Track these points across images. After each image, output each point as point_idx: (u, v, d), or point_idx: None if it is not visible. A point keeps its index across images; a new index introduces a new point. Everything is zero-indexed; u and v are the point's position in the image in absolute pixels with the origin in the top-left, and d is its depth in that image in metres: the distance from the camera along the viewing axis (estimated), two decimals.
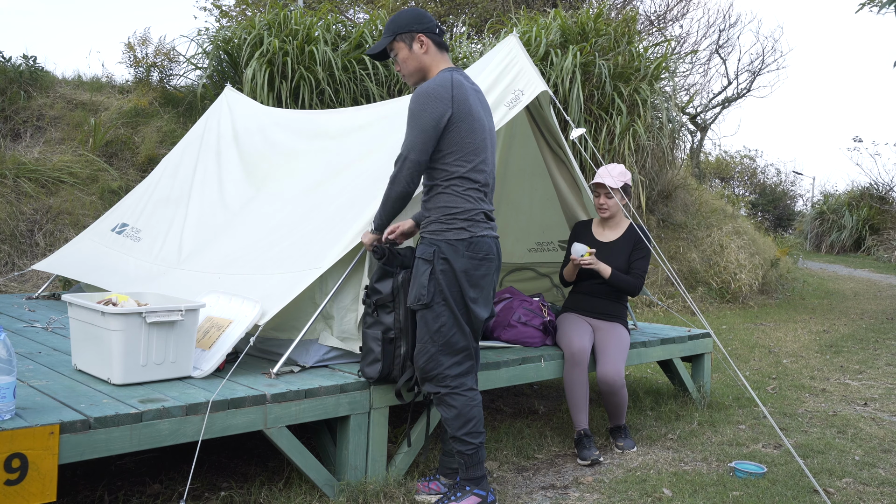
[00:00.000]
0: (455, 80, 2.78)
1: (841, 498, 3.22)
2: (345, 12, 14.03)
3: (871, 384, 5.63)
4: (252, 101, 5.30)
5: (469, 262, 2.79)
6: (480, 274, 2.82)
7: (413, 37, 2.87)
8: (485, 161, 2.85)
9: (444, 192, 2.81)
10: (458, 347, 2.82)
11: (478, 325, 2.90)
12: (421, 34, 2.86)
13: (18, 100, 8.32)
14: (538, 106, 4.14)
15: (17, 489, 2.16)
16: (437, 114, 2.72)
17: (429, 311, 2.80)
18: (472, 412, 2.84)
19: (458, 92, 2.75)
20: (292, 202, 3.98)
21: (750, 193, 27.06)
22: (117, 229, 4.82)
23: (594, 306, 4.03)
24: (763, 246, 12.02)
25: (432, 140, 2.74)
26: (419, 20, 2.86)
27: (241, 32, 8.93)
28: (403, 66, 2.92)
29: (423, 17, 2.89)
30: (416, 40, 2.87)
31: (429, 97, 2.72)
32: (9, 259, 6.83)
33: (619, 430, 3.89)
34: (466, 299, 2.81)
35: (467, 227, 2.79)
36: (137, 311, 2.74)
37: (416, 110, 2.74)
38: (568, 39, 9.42)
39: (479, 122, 2.82)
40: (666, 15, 18.17)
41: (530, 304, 4.08)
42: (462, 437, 2.83)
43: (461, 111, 2.75)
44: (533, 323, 3.97)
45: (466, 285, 2.80)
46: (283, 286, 3.21)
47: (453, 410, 2.83)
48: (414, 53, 2.88)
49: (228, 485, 3.07)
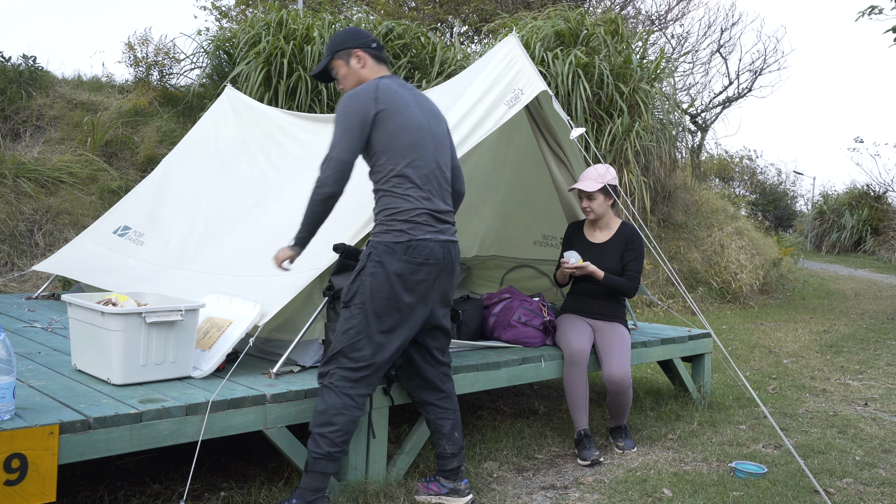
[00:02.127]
0: (382, 83, 2.81)
1: (841, 498, 3.21)
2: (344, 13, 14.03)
3: (871, 384, 5.63)
4: (253, 101, 5.29)
5: (405, 266, 2.72)
6: (418, 279, 2.75)
7: (350, 53, 2.94)
8: (422, 157, 2.80)
9: (386, 194, 2.79)
10: (357, 356, 2.71)
11: (427, 325, 2.90)
12: (357, 49, 2.93)
13: (18, 100, 8.31)
14: (538, 106, 4.14)
15: (16, 489, 2.16)
16: (361, 111, 2.74)
17: (346, 310, 2.76)
18: (338, 418, 2.68)
19: (384, 93, 2.78)
20: (293, 204, 3.97)
21: (750, 193, 27.05)
22: (119, 231, 4.81)
23: (592, 307, 4.03)
24: (763, 246, 12.02)
25: (357, 139, 2.74)
26: (354, 37, 2.94)
27: (241, 32, 8.93)
28: (345, 83, 2.98)
29: (359, 33, 2.95)
30: (353, 56, 2.94)
31: (351, 98, 2.78)
32: (8, 259, 6.83)
33: (619, 430, 3.89)
34: (400, 304, 2.73)
35: (407, 229, 2.74)
36: (137, 312, 2.73)
37: (340, 111, 2.77)
38: (564, 41, 9.42)
39: (412, 120, 2.80)
40: (667, 14, 18.18)
41: (530, 304, 4.07)
42: (316, 434, 2.68)
43: (388, 109, 2.76)
44: (533, 323, 3.97)
45: (401, 289, 2.72)
46: (283, 286, 3.21)
47: (322, 405, 2.70)
48: (352, 69, 2.95)
49: (228, 485, 3.06)
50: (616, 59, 9.25)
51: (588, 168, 4.04)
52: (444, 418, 3.00)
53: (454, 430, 3.00)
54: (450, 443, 2.98)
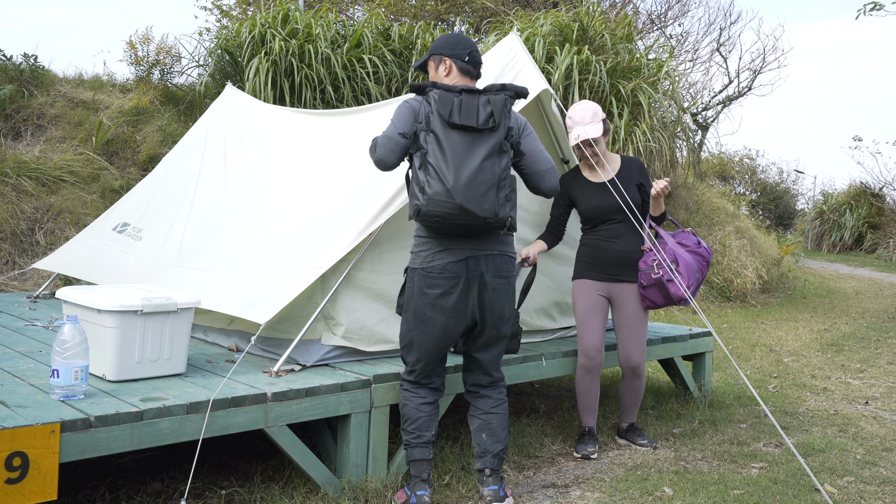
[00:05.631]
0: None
1: (842, 497, 3.21)
2: (345, 11, 14.03)
3: (872, 383, 5.63)
4: (253, 100, 5.29)
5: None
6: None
7: (440, 59, 3.03)
8: None
9: None
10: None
11: None
12: (447, 58, 3.01)
13: (20, 98, 8.31)
14: (539, 105, 4.13)
15: (17, 488, 2.16)
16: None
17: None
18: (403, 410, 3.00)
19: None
20: (294, 202, 3.97)
21: (751, 192, 27.03)
22: (118, 228, 4.81)
23: (613, 262, 3.67)
24: (764, 245, 12.02)
25: None
26: (452, 46, 3.02)
27: (243, 31, 8.93)
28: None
29: (458, 43, 3.02)
30: (442, 62, 3.02)
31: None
32: (9, 258, 6.83)
33: (633, 429, 3.88)
34: None
35: None
36: (133, 309, 2.74)
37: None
38: (566, 38, 9.41)
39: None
40: (666, 13, 18.15)
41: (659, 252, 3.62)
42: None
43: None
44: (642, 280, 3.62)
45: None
46: (284, 286, 3.21)
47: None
48: (438, 74, 3.04)
49: (229, 483, 3.06)
50: (621, 56, 9.23)
51: (574, 110, 3.67)
52: (471, 416, 3.06)
53: (480, 431, 3.00)
54: (476, 441, 3.02)
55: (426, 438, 2.92)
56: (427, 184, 2.68)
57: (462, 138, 2.71)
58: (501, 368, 3.10)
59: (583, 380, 3.73)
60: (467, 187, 2.66)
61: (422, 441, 2.92)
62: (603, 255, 3.70)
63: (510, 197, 2.76)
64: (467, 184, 2.66)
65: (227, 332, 3.66)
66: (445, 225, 2.73)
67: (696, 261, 3.63)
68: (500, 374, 3.08)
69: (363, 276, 3.33)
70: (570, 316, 4.34)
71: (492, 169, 2.70)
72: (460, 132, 2.72)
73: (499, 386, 3.06)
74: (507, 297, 2.94)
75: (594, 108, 3.67)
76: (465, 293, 2.83)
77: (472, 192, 2.66)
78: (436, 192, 2.66)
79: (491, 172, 2.70)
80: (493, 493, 2.91)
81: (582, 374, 3.73)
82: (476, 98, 2.77)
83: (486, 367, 3.02)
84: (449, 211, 2.66)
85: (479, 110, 2.74)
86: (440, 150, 2.69)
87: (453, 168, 2.66)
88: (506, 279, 2.91)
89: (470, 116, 2.72)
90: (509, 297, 2.95)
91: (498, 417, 3.00)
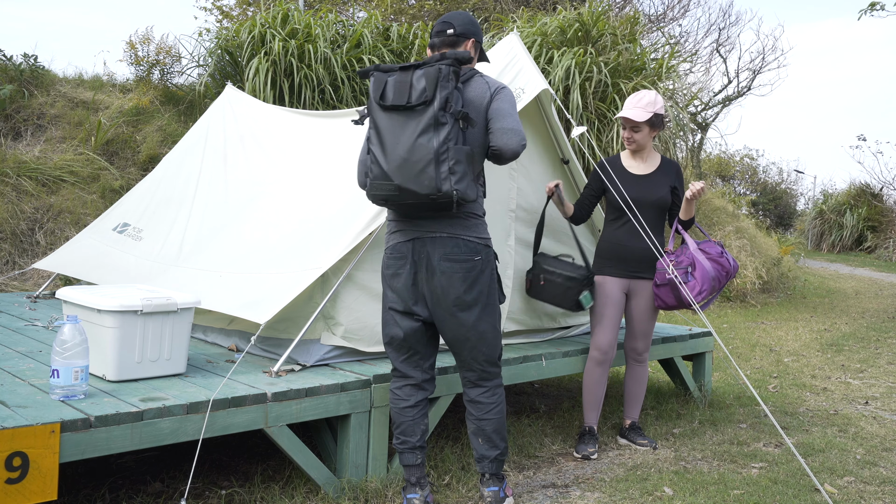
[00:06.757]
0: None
1: (842, 497, 3.21)
2: (344, 12, 14.03)
3: (872, 383, 5.63)
4: (253, 100, 5.29)
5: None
6: None
7: (478, 46, 3.04)
8: None
9: (480, 190, 2.92)
10: None
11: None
12: (480, 45, 3.05)
13: (20, 98, 8.31)
14: (539, 105, 4.13)
15: (17, 488, 2.16)
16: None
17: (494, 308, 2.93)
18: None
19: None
20: (294, 202, 3.97)
21: (751, 192, 27.04)
22: (119, 228, 4.81)
23: (636, 259, 3.70)
24: (764, 245, 12.02)
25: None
26: (481, 31, 3.06)
27: (243, 31, 8.94)
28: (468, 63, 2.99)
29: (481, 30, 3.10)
30: (477, 49, 3.04)
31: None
32: (9, 258, 6.83)
33: (636, 428, 3.89)
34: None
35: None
36: (133, 309, 2.74)
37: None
38: (568, 38, 9.41)
39: None
40: (666, 13, 18.16)
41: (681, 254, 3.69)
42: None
43: None
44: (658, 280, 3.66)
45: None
46: (284, 286, 3.21)
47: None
48: (473, 58, 3.02)
49: (229, 483, 3.07)
50: (624, 56, 9.23)
51: (634, 95, 3.74)
52: (467, 420, 2.99)
53: (476, 437, 2.93)
54: (473, 446, 2.96)
55: (412, 444, 2.88)
56: (370, 169, 2.71)
57: (395, 118, 2.66)
58: (498, 368, 2.92)
59: (592, 372, 3.74)
60: (403, 166, 2.62)
61: (407, 447, 2.88)
62: (626, 252, 3.73)
63: (455, 169, 2.61)
64: (402, 163, 2.62)
65: (227, 332, 3.67)
66: (394, 206, 2.75)
67: (715, 268, 3.62)
68: (491, 369, 2.90)
69: (363, 276, 3.33)
70: (570, 316, 4.34)
71: (427, 145, 2.60)
72: (392, 112, 2.67)
73: (491, 389, 2.91)
74: (465, 282, 2.77)
75: (650, 98, 3.69)
76: (412, 275, 2.81)
77: (408, 170, 2.62)
78: (375, 175, 2.68)
79: (426, 149, 2.60)
80: (493, 493, 2.90)
81: (592, 367, 3.74)
82: (410, 74, 2.68)
83: (468, 363, 2.87)
84: (389, 192, 2.66)
85: (413, 86, 2.65)
86: (377, 133, 2.69)
87: (388, 149, 2.64)
88: (458, 263, 2.76)
89: (401, 95, 2.65)
90: (469, 283, 2.77)
91: (492, 423, 2.90)
